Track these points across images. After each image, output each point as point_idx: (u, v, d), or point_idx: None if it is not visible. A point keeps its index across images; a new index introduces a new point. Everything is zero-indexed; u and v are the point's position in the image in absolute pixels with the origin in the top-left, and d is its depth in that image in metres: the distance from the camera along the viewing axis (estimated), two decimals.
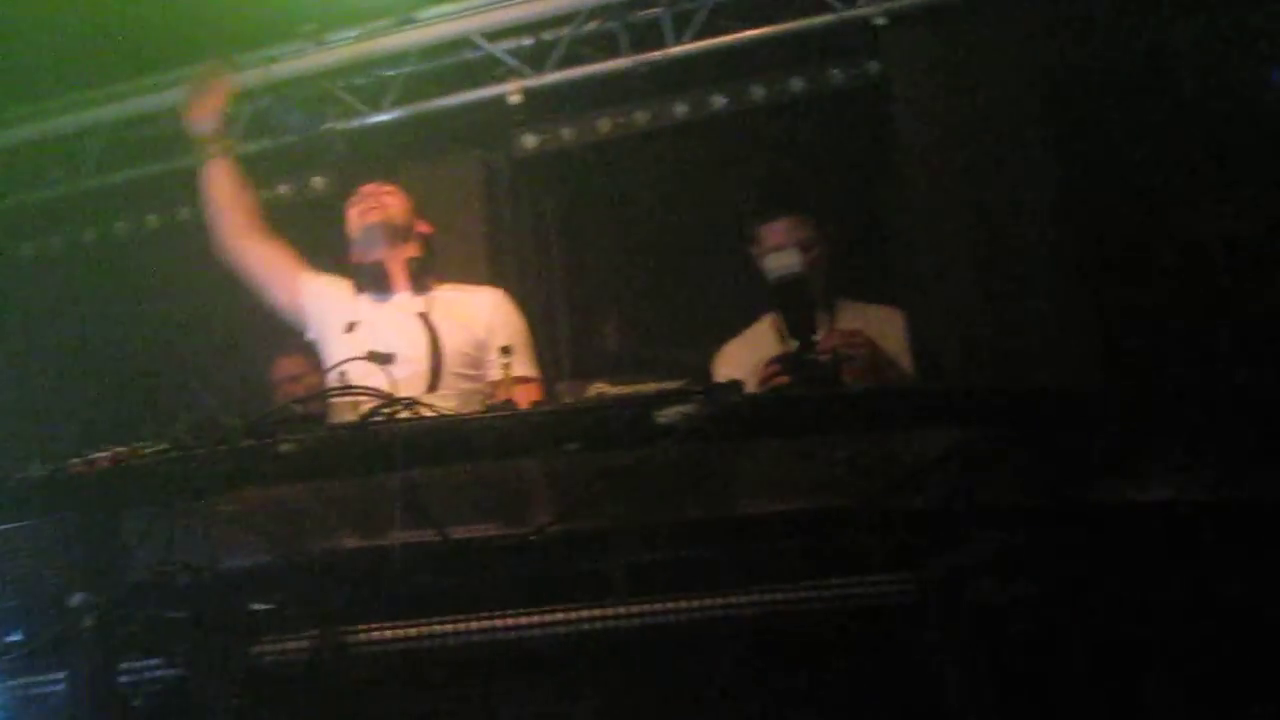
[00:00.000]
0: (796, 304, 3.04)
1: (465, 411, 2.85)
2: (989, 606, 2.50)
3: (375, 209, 3.99)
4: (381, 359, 3.40)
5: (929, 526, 2.54)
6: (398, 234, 3.99)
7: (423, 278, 3.95)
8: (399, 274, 3.96)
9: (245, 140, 5.25)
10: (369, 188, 4.09)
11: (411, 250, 4.01)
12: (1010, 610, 2.50)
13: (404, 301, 3.91)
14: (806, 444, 2.56)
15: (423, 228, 4.12)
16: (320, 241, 4.30)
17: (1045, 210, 4.23)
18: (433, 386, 3.67)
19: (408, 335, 3.75)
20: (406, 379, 3.37)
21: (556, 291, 5.24)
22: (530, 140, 5.16)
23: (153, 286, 5.29)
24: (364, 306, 3.92)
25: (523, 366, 3.78)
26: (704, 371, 3.93)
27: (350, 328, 3.77)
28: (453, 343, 3.75)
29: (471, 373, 3.75)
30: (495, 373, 3.62)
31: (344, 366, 3.17)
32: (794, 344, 3.02)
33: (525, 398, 3.58)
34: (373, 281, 3.95)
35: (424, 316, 3.78)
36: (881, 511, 2.53)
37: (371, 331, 3.72)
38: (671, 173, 5.33)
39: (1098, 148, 4.40)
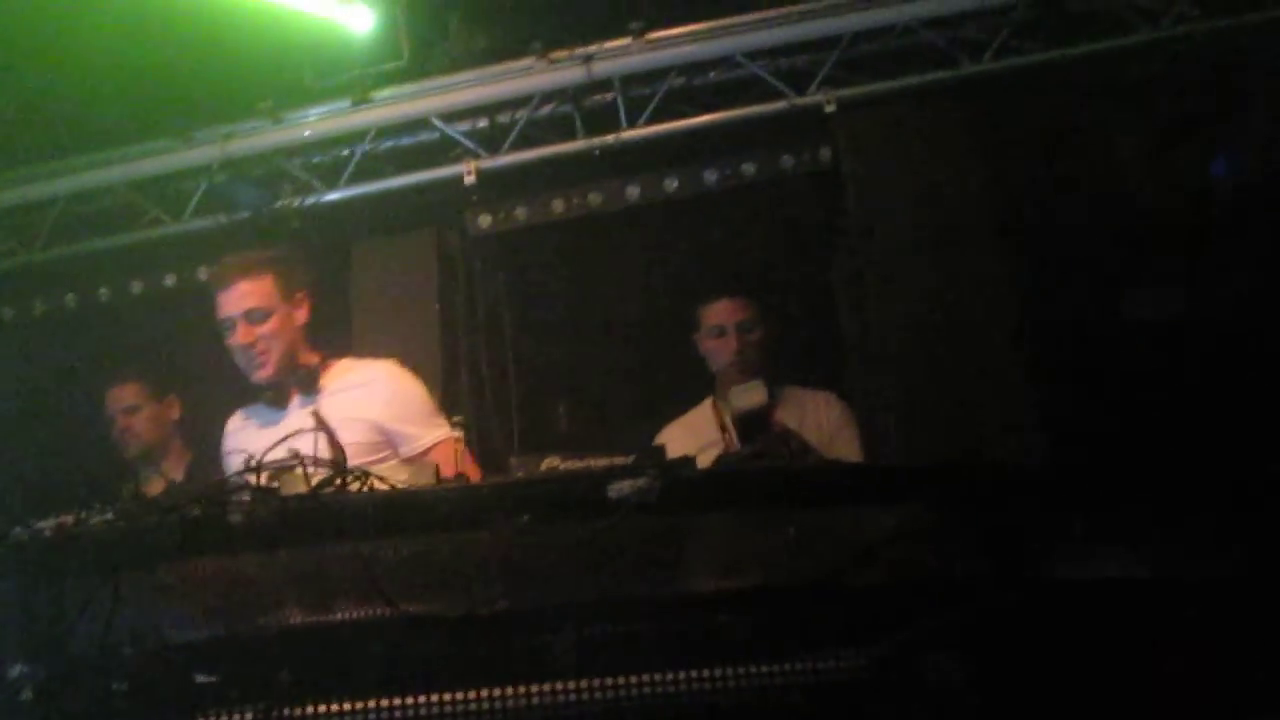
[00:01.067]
0: (756, 431, 3.12)
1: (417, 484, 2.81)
2: (940, 683, 2.49)
3: (260, 363, 3.77)
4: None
5: (880, 603, 2.54)
6: (285, 368, 3.80)
7: (312, 382, 3.82)
8: (291, 390, 3.83)
9: (200, 216, 5.27)
10: (234, 303, 3.76)
11: (302, 360, 3.85)
12: (961, 686, 2.50)
13: (298, 407, 3.80)
14: (757, 520, 2.57)
15: (301, 309, 3.87)
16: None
17: (994, 291, 4.30)
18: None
19: (306, 443, 3.62)
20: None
21: (508, 369, 5.25)
22: (485, 219, 5.21)
23: (102, 358, 5.26)
24: (263, 426, 3.82)
25: (439, 428, 3.71)
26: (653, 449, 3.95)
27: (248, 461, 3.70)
28: (351, 437, 3.62)
29: (378, 457, 3.61)
30: (427, 441, 3.67)
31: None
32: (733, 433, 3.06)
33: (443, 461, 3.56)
34: (269, 400, 3.84)
35: (317, 415, 3.61)
36: (832, 588, 2.53)
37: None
38: (624, 254, 5.39)
39: (1044, 230, 4.50)
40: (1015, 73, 4.72)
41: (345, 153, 5.23)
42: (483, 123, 5.14)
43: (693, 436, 4.13)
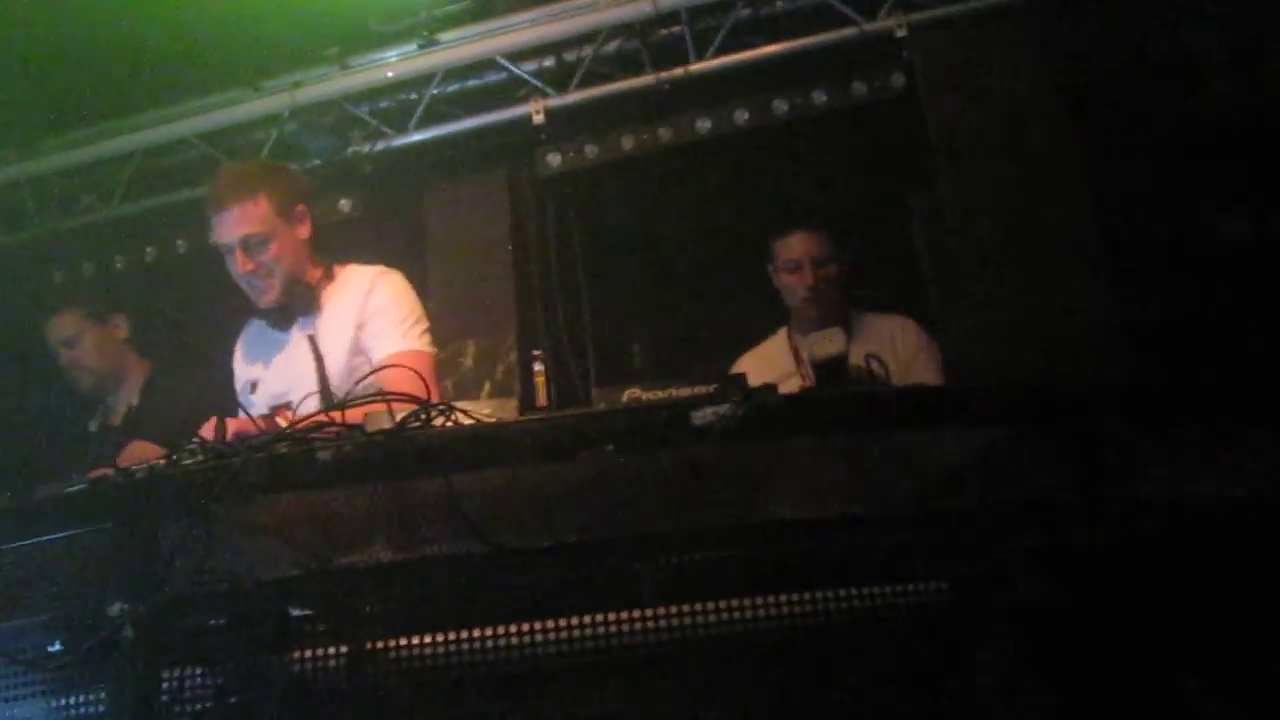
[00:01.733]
0: (835, 378, 3.11)
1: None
2: (1026, 607, 2.47)
3: (264, 289, 3.67)
4: (279, 406, 3.51)
5: (965, 527, 2.52)
6: (289, 290, 3.71)
7: (314, 300, 3.77)
8: (294, 312, 3.78)
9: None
10: (229, 229, 3.61)
11: (306, 278, 3.76)
12: (1047, 610, 2.48)
13: (298, 330, 3.77)
14: (840, 446, 2.55)
15: (302, 224, 3.74)
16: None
17: (1075, 210, 4.22)
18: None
19: (300, 367, 3.67)
20: (306, 411, 3.15)
21: (583, 306, 5.26)
22: (554, 159, 5.20)
23: (182, 310, 5.33)
24: (267, 350, 3.85)
25: (402, 339, 3.66)
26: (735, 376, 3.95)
27: (253, 388, 3.77)
28: (335, 363, 3.63)
29: (359, 378, 3.51)
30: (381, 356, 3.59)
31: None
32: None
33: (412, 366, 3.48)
34: (273, 321, 3.81)
35: (312, 340, 3.62)
36: (917, 513, 2.52)
37: (271, 378, 3.76)
38: (695, 188, 5.36)
39: (1126, 147, 4.40)
40: None
41: (413, 96, 5.25)
42: (550, 61, 5.12)
43: (767, 367, 4.13)
